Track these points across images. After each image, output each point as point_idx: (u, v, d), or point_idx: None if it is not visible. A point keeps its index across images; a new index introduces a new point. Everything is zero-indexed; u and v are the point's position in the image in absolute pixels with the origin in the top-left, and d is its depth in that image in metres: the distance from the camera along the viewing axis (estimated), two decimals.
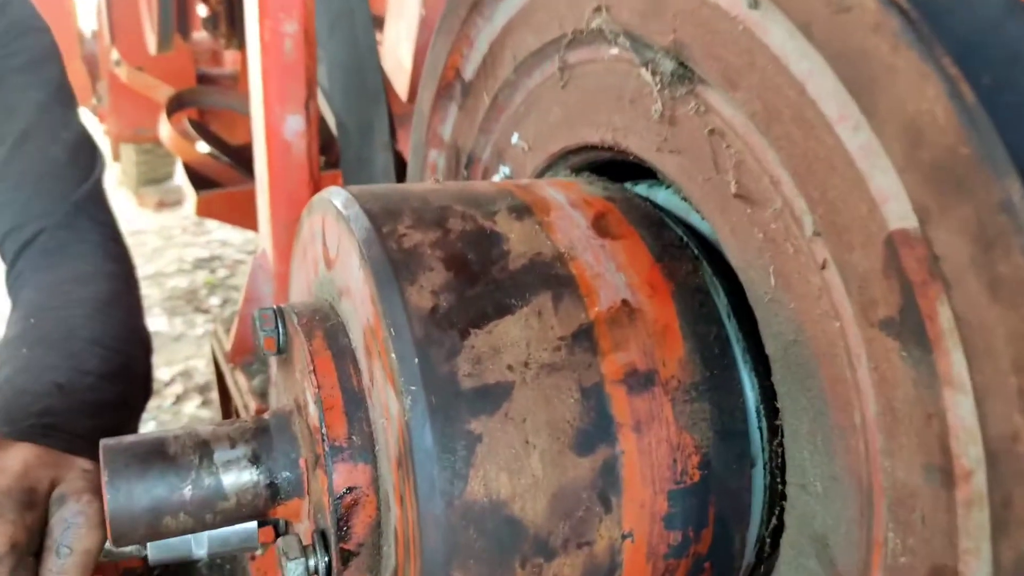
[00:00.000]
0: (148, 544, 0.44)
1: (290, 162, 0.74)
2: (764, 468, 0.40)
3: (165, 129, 2.29)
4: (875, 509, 0.32)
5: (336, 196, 0.40)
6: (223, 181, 2.08)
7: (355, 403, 0.37)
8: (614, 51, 0.44)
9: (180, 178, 2.36)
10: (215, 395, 1.49)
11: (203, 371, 2.43)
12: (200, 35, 2.66)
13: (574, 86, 0.48)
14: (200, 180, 2.05)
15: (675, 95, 0.40)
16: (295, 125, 0.72)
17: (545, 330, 0.36)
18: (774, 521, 0.39)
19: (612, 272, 0.39)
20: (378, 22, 0.85)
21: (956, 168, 0.26)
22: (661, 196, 0.46)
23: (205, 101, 2.56)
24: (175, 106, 2.43)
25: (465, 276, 0.36)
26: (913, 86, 0.27)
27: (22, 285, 0.83)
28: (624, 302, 0.38)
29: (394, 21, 0.77)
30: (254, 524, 0.44)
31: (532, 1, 0.51)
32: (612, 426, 0.35)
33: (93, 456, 0.56)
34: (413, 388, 0.33)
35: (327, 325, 0.40)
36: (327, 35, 0.80)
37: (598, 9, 0.45)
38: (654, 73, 0.41)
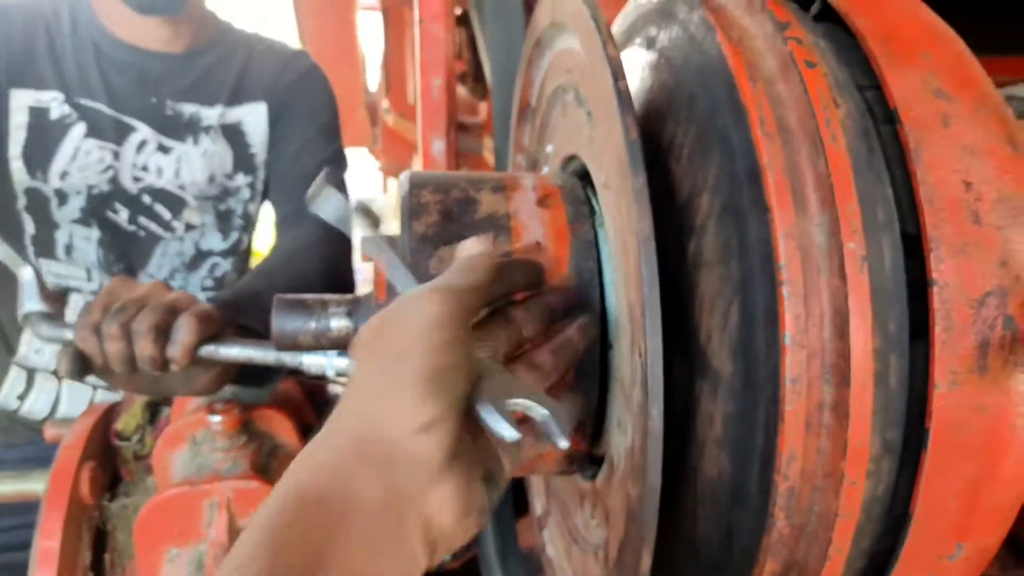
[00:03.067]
0: (301, 361, 0.80)
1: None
2: (617, 350, 0.67)
3: (418, 165, 2.82)
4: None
5: (404, 174, 0.74)
6: None
7: (391, 288, 0.70)
8: (571, 96, 0.73)
9: None
10: None
11: None
12: (458, 90, 3.11)
13: (568, 116, 0.78)
14: None
15: (592, 126, 0.69)
16: (439, 147, 1.08)
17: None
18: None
19: (536, 226, 0.68)
20: None
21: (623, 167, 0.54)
22: None
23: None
24: None
25: (447, 219, 0.68)
26: (617, 131, 0.55)
27: (275, 245, 1.32)
28: (537, 243, 0.67)
29: None
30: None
31: (552, 61, 0.80)
32: None
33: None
34: (403, 271, 0.65)
35: (392, 245, 0.74)
36: (497, 86, 1.14)
37: (568, 70, 0.74)
38: (585, 112, 0.70)
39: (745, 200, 0.55)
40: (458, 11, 3.08)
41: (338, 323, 0.75)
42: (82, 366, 0.76)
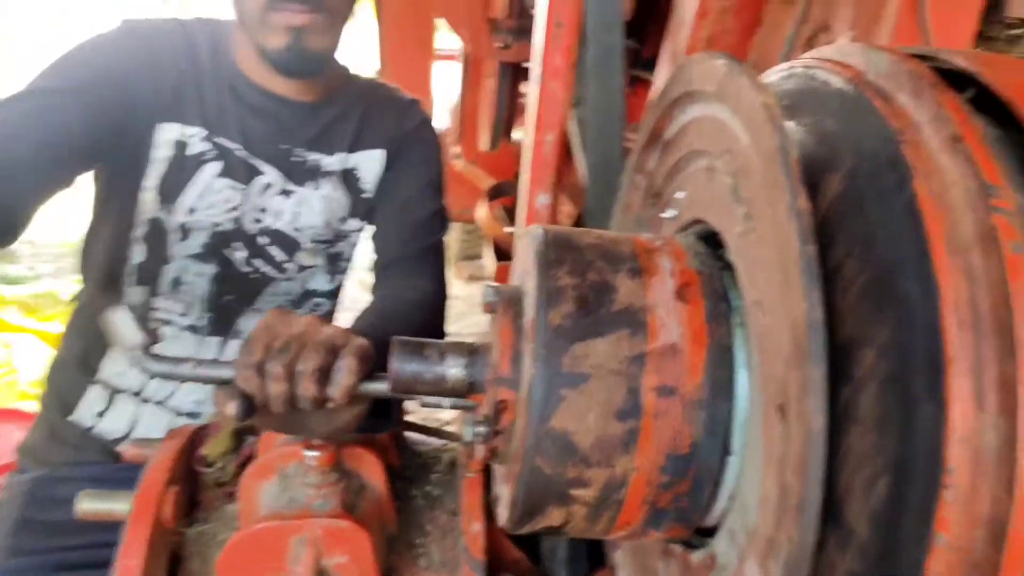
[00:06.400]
0: (417, 398, 0.79)
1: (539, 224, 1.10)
2: (740, 457, 0.66)
3: (482, 211, 2.93)
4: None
5: (535, 239, 0.70)
6: None
7: (516, 357, 0.69)
8: (728, 182, 0.69)
9: (487, 258, 2.96)
10: None
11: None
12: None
13: (714, 187, 0.73)
14: (502, 255, 2.68)
15: (750, 231, 0.65)
16: (544, 200, 1.06)
17: (618, 350, 0.64)
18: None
19: (674, 325, 0.66)
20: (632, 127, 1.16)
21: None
22: None
23: (517, 192, 3.18)
24: (494, 194, 3.10)
25: (583, 310, 0.65)
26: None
27: (378, 288, 1.34)
28: (673, 345, 0.65)
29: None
30: (471, 403, 0.78)
31: (704, 119, 0.75)
32: (640, 412, 0.64)
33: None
34: (537, 364, 0.64)
35: (515, 307, 0.72)
36: (591, 144, 1.10)
37: (727, 151, 0.69)
38: (742, 211, 0.66)
39: (919, 385, 0.53)
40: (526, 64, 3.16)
41: (455, 372, 0.74)
42: (249, 407, 0.77)
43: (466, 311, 4.15)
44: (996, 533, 0.51)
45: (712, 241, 0.75)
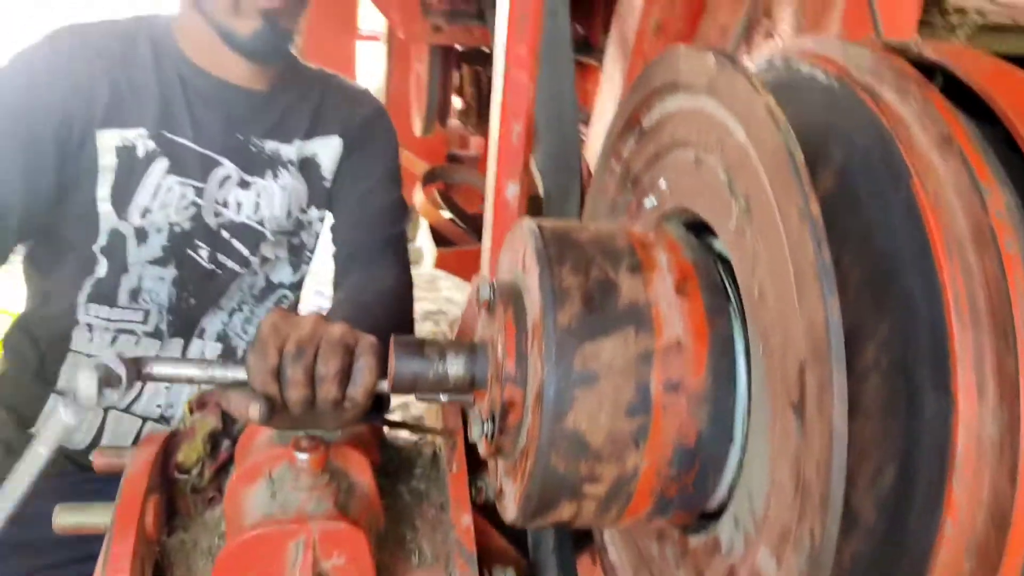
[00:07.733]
0: (415, 394, 0.79)
1: (507, 215, 1.09)
2: (740, 447, 0.69)
3: (419, 196, 2.92)
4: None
5: (534, 237, 0.71)
6: (458, 241, 2.82)
7: (521, 356, 0.70)
8: (722, 177, 0.70)
9: (421, 240, 2.94)
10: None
11: (418, 405, 2.91)
12: (453, 123, 3.42)
13: (704, 177, 0.75)
14: (440, 239, 2.65)
15: (748, 224, 0.67)
16: (513, 190, 1.07)
17: (626, 348, 0.66)
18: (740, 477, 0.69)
19: (676, 320, 0.68)
20: (585, 120, 1.17)
21: None
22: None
23: (452, 177, 3.37)
24: (428, 179, 3.13)
25: (589, 308, 0.66)
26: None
27: (344, 278, 1.34)
28: (677, 340, 0.67)
29: (596, 122, 1.06)
30: (469, 396, 0.78)
31: (691, 111, 0.76)
32: (650, 407, 0.66)
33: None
34: (549, 366, 0.65)
35: (516, 302, 0.72)
36: (544, 129, 1.11)
37: (719, 143, 0.70)
38: (739, 205, 0.68)
39: (923, 376, 0.56)
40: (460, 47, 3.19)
41: (456, 370, 0.74)
42: (271, 409, 0.76)
43: None
44: (998, 517, 0.55)
45: (698, 228, 0.77)
